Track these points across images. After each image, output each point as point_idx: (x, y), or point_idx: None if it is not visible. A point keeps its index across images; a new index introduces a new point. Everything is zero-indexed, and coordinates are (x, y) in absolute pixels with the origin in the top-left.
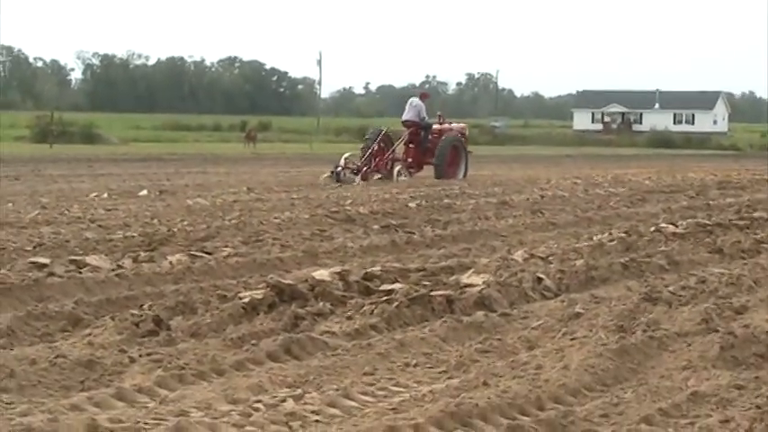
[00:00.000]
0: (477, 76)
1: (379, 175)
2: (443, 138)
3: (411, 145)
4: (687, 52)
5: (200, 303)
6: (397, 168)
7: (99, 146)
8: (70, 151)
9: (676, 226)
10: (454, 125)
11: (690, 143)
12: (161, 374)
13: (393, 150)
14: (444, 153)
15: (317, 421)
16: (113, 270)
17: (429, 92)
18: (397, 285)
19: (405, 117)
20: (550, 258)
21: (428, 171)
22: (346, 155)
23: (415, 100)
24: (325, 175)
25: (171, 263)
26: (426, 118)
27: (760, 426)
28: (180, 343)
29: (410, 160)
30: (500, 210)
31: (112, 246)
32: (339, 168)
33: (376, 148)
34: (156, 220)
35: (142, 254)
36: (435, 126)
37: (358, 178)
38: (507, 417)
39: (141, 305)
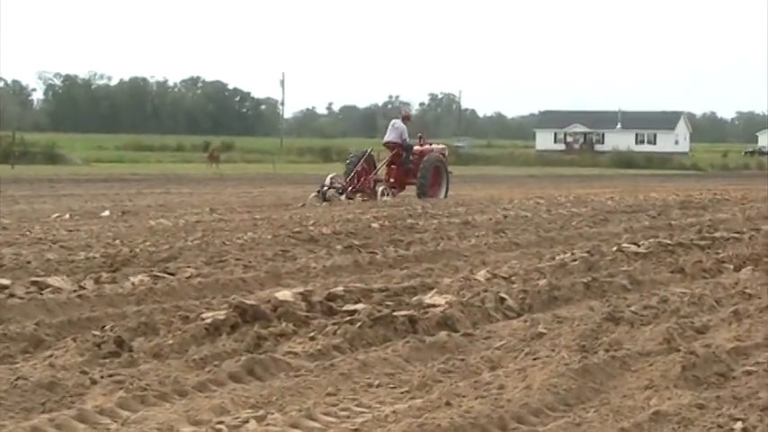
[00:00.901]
0: (440, 96)
1: (363, 196)
2: (426, 158)
3: (393, 166)
4: (649, 73)
5: (162, 324)
6: (380, 188)
7: (61, 166)
8: (32, 172)
9: (638, 246)
10: (434, 146)
11: (651, 163)
12: (123, 396)
13: (376, 171)
14: (427, 173)
15: None
16: (75, 291)
17: (409, 113)
18: (359, 306)
19: (387, 138)
20: (513, 278)
21: (410, 190)
22: (332, 174)
23: (397, 122)
24: (313, 195)
25: (133, 284)
26: (408, 139)
27: None
28: (142, 364)
29: (392, 180)
30: (463, 230)
31: (74, 267)
32: (325, 188)
33: (360, 168)
34: (118, 241)
35: (104, 275)
36: (416, 147)
37: (343, 197)
38: None
39: (103, 326)
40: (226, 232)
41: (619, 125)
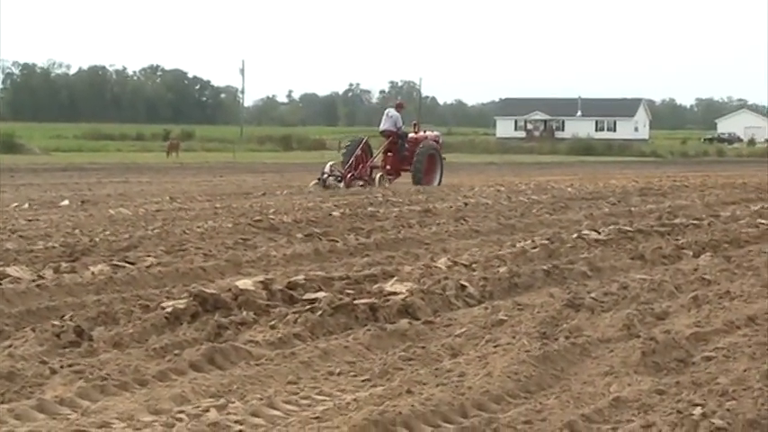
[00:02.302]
0: (400, 83)
1: (362, 182)
2: (420, 146)
3: (389, 153)
4: (609, 60)
5: (122, 314)
6: (378, 175)
7: (20, 156)
8: None
9: (598, 233)
10: (428, 133)
11: (611, 150)
12: (83, 386)
13: (373, 159)
14: (422, 161)
15: (240, 431)
16: (34, 281)
17: (403, 102)
18: (320, 294)
19: (382, 127)
20: (474, 266)
21: (405, 177)
22: (331, 162)
23: (391, 111)
24: (313, 182)
25: (93, 273)
26: (402, 127)
27: (681, 430)
28: (102, 353)
29: (388, 168)
30: (423, 217)
31: (33, 257)
32: (325, 175)
33: (356, 156)
34: (77, 231)
35: (63, 264)
36: (411, 135)
37: (342, 185)
38: (431, 424)
39: (63, 316)
40: (186, 221)
41: (579, 112)
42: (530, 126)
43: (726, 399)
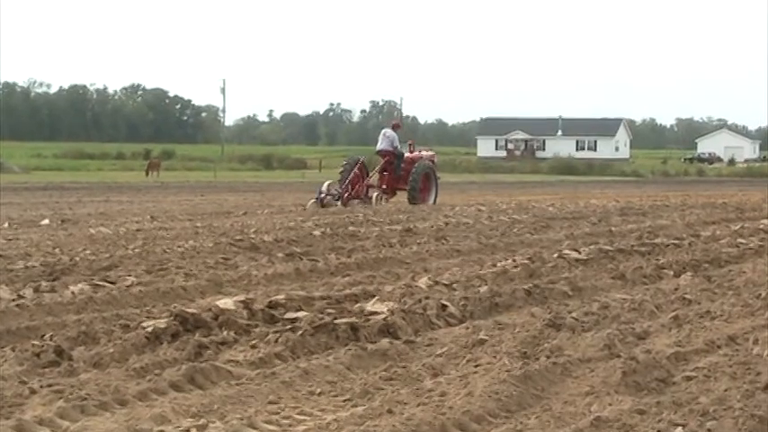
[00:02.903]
0: (381, 103)
1: (358, 201)
2: (416, 165)
3: (385, 172)
4: (589, 80)
5: (102, 333)
6: (375, 194)
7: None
8: None
9: (579, 252)
10: (424, 153)
11: (592, 170)
12: (62, 405)
13: (369, 178)
14: (418, 180)
15: None
16: (14, 300)
17: (399, 122)
18: (301, 313)
19: (379, 147)
20: (454, 285)
21: (401, 196)
22: (328, 182)
23: (388, 131)
24: (312, 201)
25: (73, 293)
26: (399, 147)
27: None
28: (82, 373)
29: (384, 186)
30: (404, 237)
31: (13, 276)
32: (323, 195)
33: (353, 176)
34: (57, 250)
35: (44, 284)
36: (407, 155)
37: (339, 203)
38: None
39: (42, 335)
40: (166, 240)
41: (559, 132)
42: (510, 145)
43: (707, 419)
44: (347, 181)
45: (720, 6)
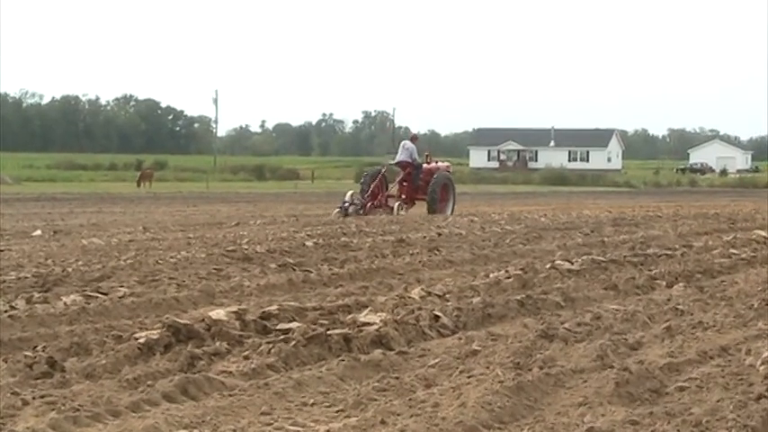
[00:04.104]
0: (373, 113)
1: (381, 211)
2: (435, 176)
3: (405, 183)
4: (582, 91)
5: (95, 344)
6: (396, 204)
7: None
8: None
9: (572, 263)
10: (440, 164)
11: (585, 180)
12: (55, 417)
13: (390, 189)
14: (436, 190)
15: None
16: (6, 311)
17: (418, 135)
18: (294, 324)
19: (398, 158)
20: (447, 296)
21: (420, 206)
22: (350, 192)
23: (407, 143)
24: (336, 211)
25: (65, 304)
26: (417, 159)
27: None
28: (74, 384)
29: (404, 197)
30: (397, 248)
31: (5, 287)
32: (347, 204)
33: (374, 186)
34: (50, 261)
35: (36, 295)
36: (425, 166)
37: (362, 212)
38: None
39: (35, 347)
40: (159, 251)
41: (552, 143)
42: (503, 156)
43: (699, 429)
44: (369, 191)
45: (713, 18)
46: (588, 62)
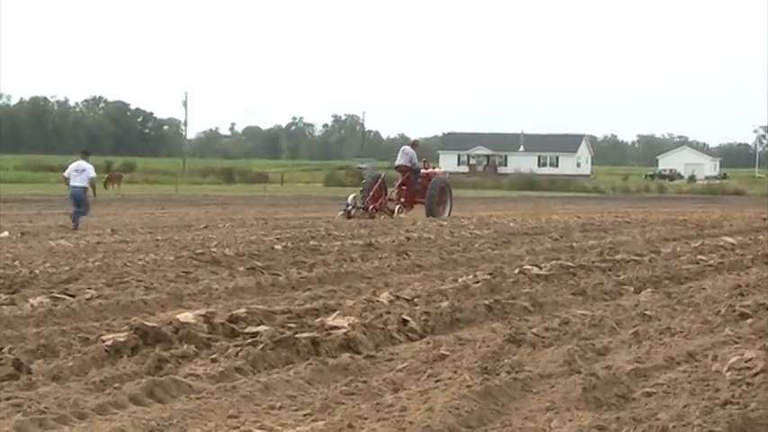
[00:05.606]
0: (343, 117)
1: (383, 213)
2: (433, 180)
3: (404, 187)
4: (551, 96)
5: (61, 346)
6: (396, 207)
7: None
8: None
9: (540, 268)
10: (437, 170)
11: (554, 185)
12: (21, 419)
13: (389, 193)
14: (434, 194)
15: None
16: None
17: (417, 140)
18: (262, 328)
19: (398, 162)
20: (416, 300)
21: (419, 208)
22: (353, 195)
23: (406, 148)
24: (340, 213)
25: (32, 305)
26: (416, 163)
27: None
28: (41, 386)
29: (403, 200)
30: (366, 252)
31: None
32: (350, 207)
33: (374, 190)
34: (17, 262)
35: (2, 296)
36: (422, 171)
37: (366, 215)
38: None
39: (1, 348)
40: (127, 253)
41: (522, 147)
42: (473, 161)
43: None
44: (369, 195)
45: (680, 26)
46: (558, 67)
